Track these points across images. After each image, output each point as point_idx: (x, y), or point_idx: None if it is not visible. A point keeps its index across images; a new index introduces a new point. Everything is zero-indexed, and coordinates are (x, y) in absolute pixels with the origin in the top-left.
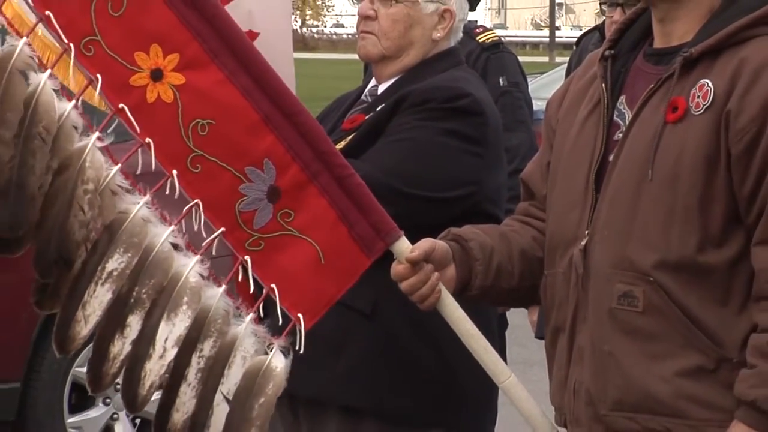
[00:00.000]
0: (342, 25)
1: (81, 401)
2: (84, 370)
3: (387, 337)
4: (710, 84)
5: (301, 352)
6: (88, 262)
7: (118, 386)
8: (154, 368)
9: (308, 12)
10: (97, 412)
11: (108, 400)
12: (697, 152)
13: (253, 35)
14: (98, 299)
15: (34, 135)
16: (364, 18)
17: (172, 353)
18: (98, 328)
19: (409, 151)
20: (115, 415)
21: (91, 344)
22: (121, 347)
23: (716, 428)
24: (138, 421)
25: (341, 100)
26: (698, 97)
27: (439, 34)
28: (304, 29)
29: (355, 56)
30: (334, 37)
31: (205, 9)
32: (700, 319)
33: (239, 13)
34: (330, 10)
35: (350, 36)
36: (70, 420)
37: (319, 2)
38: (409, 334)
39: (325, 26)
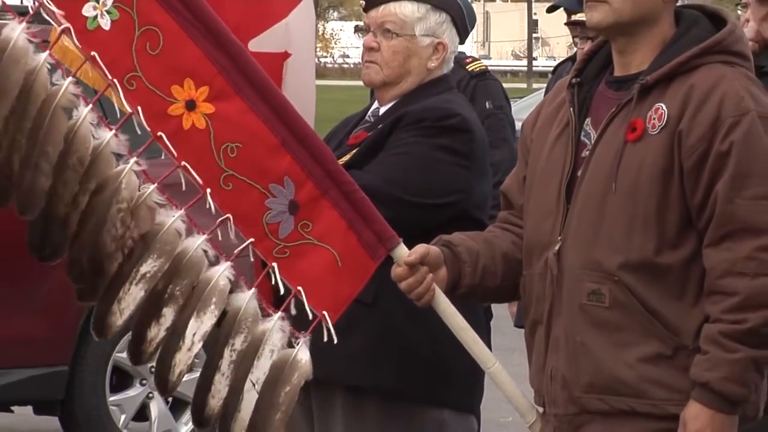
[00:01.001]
0: (348, 56)
1: (121, 382)
2: (124, 355)
3: (387, 324)
4: (664, 107)
5: (335, 342)
6: (125, 265)
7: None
8: (183, 359)
9: (318, 44)
10: (135, 392)
11: (144, 381)
12: (654, 167)
13: (286, 56)
14: (132, 296)
15: (68, 166)
16: (368, 49)
17: (198, 346)
18: (138, 315)
19: (407, 163)
20: (151, 395)
21: (131, 332)
22: (156, 332)
23: (675, 407)
24: (170, 399)
25: (348, 120)
26: (654, 118)
27: (433, 64)
28: (315, 59)
29: (360, 83)
30: (345, 66)
31: (228, 48)
32: (659, 312)
33: (280, 34)
34: (337, 42)
35: (354, 65)
36: (111, 398)
37: (328, 36)
38: (406, 322)
39: (333, 57)
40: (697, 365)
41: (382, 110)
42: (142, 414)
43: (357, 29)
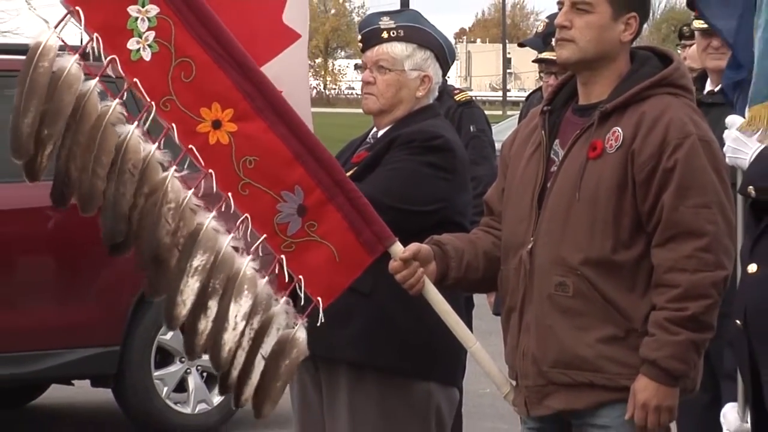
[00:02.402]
0: (353, 88)
1: (163, 360)
2: (165, 337)
3: (382, 311)
4: (620, 130)
5: (323, 321)
6: (180, 261)
7: None
8: (230, 337)
9: (328, 78)
10: (175, 368)
11: (183, 359)
12: (611, 180)
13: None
14: (190, 288)
15: (125, 170)
16: (366, 83)
17: (241, 325)
18: (188, 313)
19: (399, 177)
20: (188, 370)
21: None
22: (206, 324)
23: (626, 380)
24: (205, 374)
25: (352, 142)
26: (612, 140)
27: (421, 93)
28: (326, 90)
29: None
30: (350, 96)
31: (252, 77)
32: (614, 301)
33: (269, 73)
34: (344, 77)
35: (359, 95)
36: (155, 374)
37: (336, 71)
38: (398, 308)
39: (341, 89)
40: (645, 345)
41: (380, 133)
42: (181, 386)
43: (356, 67)
